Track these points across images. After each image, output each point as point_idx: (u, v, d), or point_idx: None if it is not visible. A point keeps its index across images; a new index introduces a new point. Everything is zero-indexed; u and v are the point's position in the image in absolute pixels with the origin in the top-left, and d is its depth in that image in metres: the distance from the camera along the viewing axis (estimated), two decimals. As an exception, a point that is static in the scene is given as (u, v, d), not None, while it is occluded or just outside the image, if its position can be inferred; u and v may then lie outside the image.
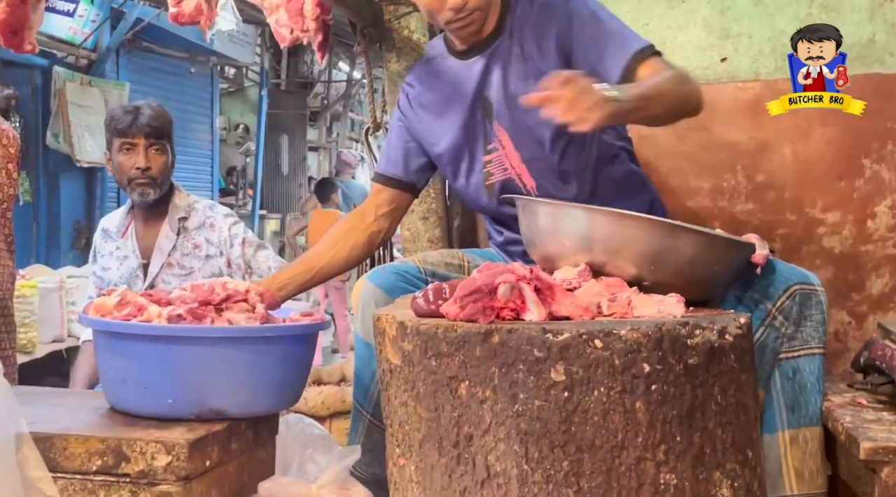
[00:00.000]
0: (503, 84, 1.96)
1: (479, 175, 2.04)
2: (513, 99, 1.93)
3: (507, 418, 1.36)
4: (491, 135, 2.00)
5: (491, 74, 1.98)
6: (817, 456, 1.72)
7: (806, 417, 1.72)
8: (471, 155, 2.04)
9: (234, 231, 2.61)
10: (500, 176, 2.01)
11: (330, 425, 2.98)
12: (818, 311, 1.74)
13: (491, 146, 2.00)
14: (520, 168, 1.99)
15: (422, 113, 2.10)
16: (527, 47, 1.93)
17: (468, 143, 2.03)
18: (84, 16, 6.67)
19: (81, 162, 6.69)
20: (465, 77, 2.01)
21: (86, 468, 1.51)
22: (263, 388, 1.70)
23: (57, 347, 4.93)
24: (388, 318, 1.51)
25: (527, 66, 1.93)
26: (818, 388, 1.74)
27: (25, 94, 6.48)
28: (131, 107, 2.59)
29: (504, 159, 2.00)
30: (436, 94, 2.08)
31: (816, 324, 1.73)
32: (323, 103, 12.89)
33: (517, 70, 1.95)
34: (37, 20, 2.30)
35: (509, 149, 1.98)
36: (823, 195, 2.43)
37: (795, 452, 1.71)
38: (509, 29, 1.96)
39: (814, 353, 1.73)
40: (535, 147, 1.96)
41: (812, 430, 1.73)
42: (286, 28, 2.36)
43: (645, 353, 1.34)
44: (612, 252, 1.59)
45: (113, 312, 1.68)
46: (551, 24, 1.91)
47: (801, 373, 1.72)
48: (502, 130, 1.98)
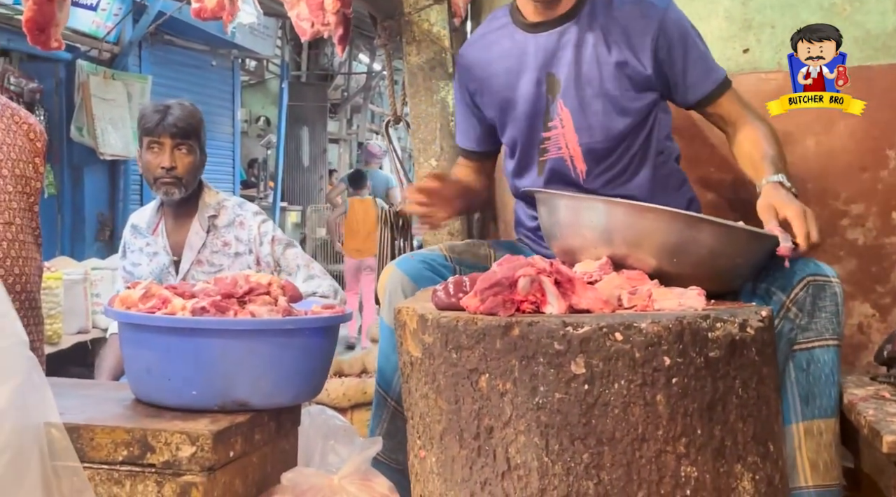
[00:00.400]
0: (575, 64, 1.98)
1: (535, 150, 2.06)
2: (583, 81, 1.98)
3: (527, 411, 1.37)
4: (553, 112, 2.02)
5: (562, 52, 2.00)
6: (832, 448, 1.71)
7: (820, 409, 1.71)
8: (530, 130, 2.06)
9: (263, 229, 2.63)
10: (555, 154, 2.04)
11: (351, 417, 3.00)
12: (832, 303, 1.72)
13: (552, 123, 2.03)
14: (574, 150, 2.01)
15: (482, 84, 2.12)
16: (612, 37, 1.97)
17: (529, 118, 2.05)
18: (107, 9, 6.72)
19: (105, 155, 6.75)
20: (531, 50, 2.03)
21: (112, 458, 1.53)
22: (286, 379, 1.71)
23: (82, 338, 4.99)
24: (409, 311, 1.52)
25: (609, 54, 1.97)
26: (833, 379, 1.72)
27: (49, 88, 6.55)
28: (161, 106, 2.61)
29: (561, 138, 2.02)
30: (497, 65, 2.09)
31: (830, 315, 1.72)
32: (343, 95, 12.92)
33: (593, 54, 1.97)
34: (63, 18, 2.32)
35: (569, 129, 2.01)
36: (847, 187, 2.41)
37: (810, 444, 1.70)
38: (589, 12, 1.99)
39: (828, 344, 1.72)
40: (595, 133, 1.99)
41: (827, 421, 1.72)
42: (307, 22, 2.38)
43: (665, 346, 1.34)
44: (633, 245, 1.59)
45: (137, 305, 1.70)
46: (649, 25, 1.95)
47: (815, 364, 1.71)
48: (566, 110, 2.00)
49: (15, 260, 2.32)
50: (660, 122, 2.08)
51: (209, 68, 8.67)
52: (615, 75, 1.97)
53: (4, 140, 2.36)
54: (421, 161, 2.63)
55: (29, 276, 2.39)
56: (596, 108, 1.98)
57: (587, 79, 1.97)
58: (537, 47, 2.02)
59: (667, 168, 2.10)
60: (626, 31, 1.96)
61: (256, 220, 2.65)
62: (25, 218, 2.40)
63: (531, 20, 2.03)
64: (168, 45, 7.87)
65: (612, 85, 1.97)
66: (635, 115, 2.00)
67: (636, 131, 2.02)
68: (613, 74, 1.97)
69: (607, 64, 1.96)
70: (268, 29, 9.33)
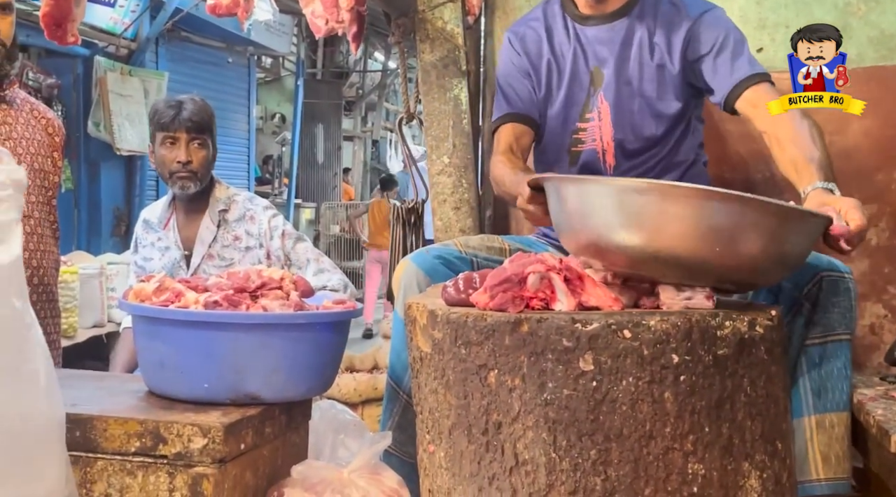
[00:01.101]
0: (619, 61, 2.02)
1: (567, 139, 2.08)
2: (626, 79, 2.01)
3: (535, 407, 1.37)
4: (593, 104, 2.05)
5: (609, 47, 2.03)
6: (843, 441, 1.72)
7: (832, 403, 1.72)
8: (565, 118, 2.08)
9: (273, 223, 2.65)
10: (590, 145, 2.06)
11: (362, 412, 3.02)
12: (846, 298, 1.72)
13: (589, 115, 2.06)
14: (608, 145, 2.04)
15: (534, 65, 2.13)
16: (655, 38, 2.00)
17: (566, 107, 2.08)
18: (124, 6, 6.76)
19: (122, 150, 6.80)
20: (581, 41, 2.07)
21: (125, 449, 1.55)
22: (297, 373, 1.72)
23: (97, 332, 5.03)
24: (419, 307, 1.53)
25: (652, 55, 2.00)
26: (845, 374, 1.73)
27: (67, 84, 6.60)
28: (174, 101, 2.64)
29: (597, 131, 2.05)
30: (545, 50, 2.11)
31: (844, 310, 1.72)
32: (358, 93, 12.95)
33: (637, 54, 2.01)
34: (80, 13, 2.35)
35: (606, 123, 2.04)
36: (860, 187, 2.39)
37: (822, 437, 1.71)
38: (639, 11, 2.03)
39: (840, 339, 1.73)
40: (630, 130, 2.02)
41: (839, 415, 1.72)
42: (321, 19, 2.38)
43: (674, 344, 1.35)
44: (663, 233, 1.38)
45: (151, 298, 1.72)
46: (682, 28, 1.98)
47: (827, 359, 1.71)
48: (606, 104, 2.04)
49: (33, 253, 2.35)
50: (693, 129, 2.11)
51: (225, 65, 8.71)
52: (654, 78, 2.00)
53: (24, 134, 2.39)
54: (433, 158, 2.63)
55: (46, 270, 2.42)
56: (632, 107, 2.01)
57: (628, 77, 2.01)
58: (586, 39, 2.06)
59: (693, 173, 2.11)
60: (666, 34, 2.00)
61: (267, 215, 2.67)
62: (44, 212, 2.43)
63: (583, 12, 2.07)
64: (185, 42, 7.91)
65: (649, 86, 2.01)
66: (668, 120, 2.03)
67: (668, 135, 2.04)
68: (653, 77, 2.00)
69: (648, 66, 2.01)
70: (284, 26, 9.36)
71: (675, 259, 1.39)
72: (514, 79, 2.16)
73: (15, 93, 2.43)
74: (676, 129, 2.04)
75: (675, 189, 1.41)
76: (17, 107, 2.40)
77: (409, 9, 2.58)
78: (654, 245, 1.38)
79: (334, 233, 10.12)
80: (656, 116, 2.02)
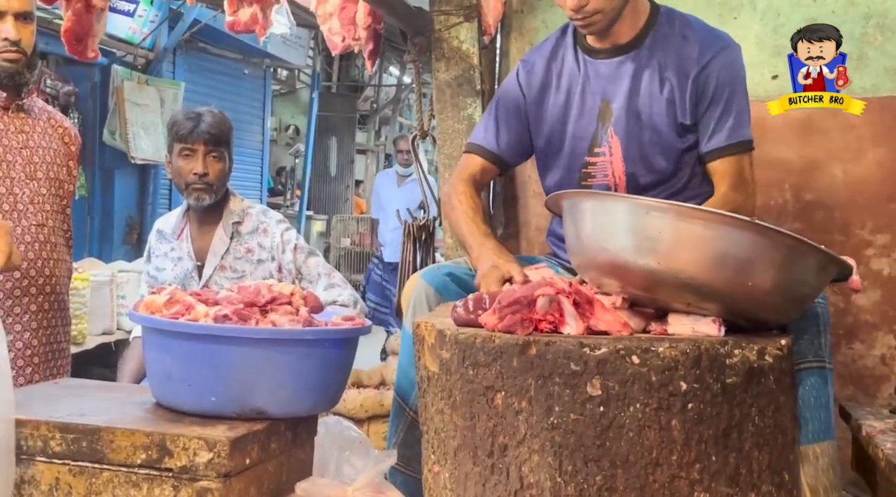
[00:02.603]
0: (629, 95, 1.99)
1: (576, 173, 2.05)
2: (635, 112, 1.98)
3: (541, 430, 1.37)
4: (602, 138, 2.02)
5: (618, 81, 2.00)
6: (830, 471, 1.69)
7: (814, 433, 1.69)
8: (573, 151, 2.06)
9: (286, 237, 2.66)
10: (601, 180, 2.04)
11: (367, 428, 3.01)
12: (813, 324, 1.70)
13: (599, 149, 2.03)
14: (620, 179, 2.02)
15: (534, 97, 2.11)
16: (667, 73, 1.97)
17: (574, 140, 2.05)
18: (143, 16, 6.83)
19: (136, 159, 6.84)
20: (590, 74, 2.04)
21: (130, 461, 1.55)
22: (304, 389, 1.72)
23: (106, 340, 5.04)
24: (427, 326, 1.53)
25: (662, 88, 1.97)
26: (822, 402, 1.70)
27: (84, 91, 6.65)
28: (193, 113, 2.65)
29: (608, 166, 2.02)
30: (553, 83, 2.09)
31: (812, 337, 1.70)
32: (372, 107, 12.99)
33: (647, 88, 1.98)
34: (100, 29, 2.38)
35: (617, 157, 2.01)
36: (873, 217, 2.40)
37: (808, 469, 1.68)
38: (650, 45, 1.99)
39: (811, 367, 1.70)
40: (641, 164, 2.00)
41: (822, 445, 1.70)
42: (338, 36, 2.41)
43: (682, 371, 1.34)
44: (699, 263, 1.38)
45: (162, 310, 1.72)
46: (695, 65, 1.94)
47: (802, 387, 1.69)
48: (616, 138, 2.01)
49: (46, 261, 2.37)
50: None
51: (241, 76, 8.77)
52: (664, 111, 1.97)
53: (40, 143, 2.41)
54: (446, 176, 2.64)
55: (59, 278, 2.43)
56: (642, 140, 1.98)
57: (638, 111, 1.98)
58: (596, 73, 2.03)
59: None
60: (676, 72, 1.96)
61: (280, 228, 2.68)
62: (58, 220, 2.44)
63: (592, 45, 2.04)
64: (202, 53, 7.97)
65: (660, 120, 1.98)
66: (679, 153, 2.00)
67: (680, 169, 2.02)
68: (662, 110, 1.97)
69: (658, 99, 1.97)
70: (300, 39, 9.42)
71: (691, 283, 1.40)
72: (509, 114, 2.13)
73: (33, 102, 2.45)
74: (688, 162, 2.02)
75: (721, 219, 1.40)
76: (35, 116, 2.43)
77: (425, 28, 2.60)
78: (672, 267, 1.39)
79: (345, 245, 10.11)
80: (667, 150, 1.99)
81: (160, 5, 6.92)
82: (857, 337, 2.42)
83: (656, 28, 1.99)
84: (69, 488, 1.57)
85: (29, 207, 2.33)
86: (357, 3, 2.50)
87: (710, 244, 1.38)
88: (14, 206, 2.30)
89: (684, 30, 1.99)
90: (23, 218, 2.32)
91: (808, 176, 2.43)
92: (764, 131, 2.33)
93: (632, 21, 1.98)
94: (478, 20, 2.61)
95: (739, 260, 1.38)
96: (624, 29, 1.98)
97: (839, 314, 2.39)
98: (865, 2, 2.42)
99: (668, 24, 1.99)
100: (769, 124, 2.38)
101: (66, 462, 1.58)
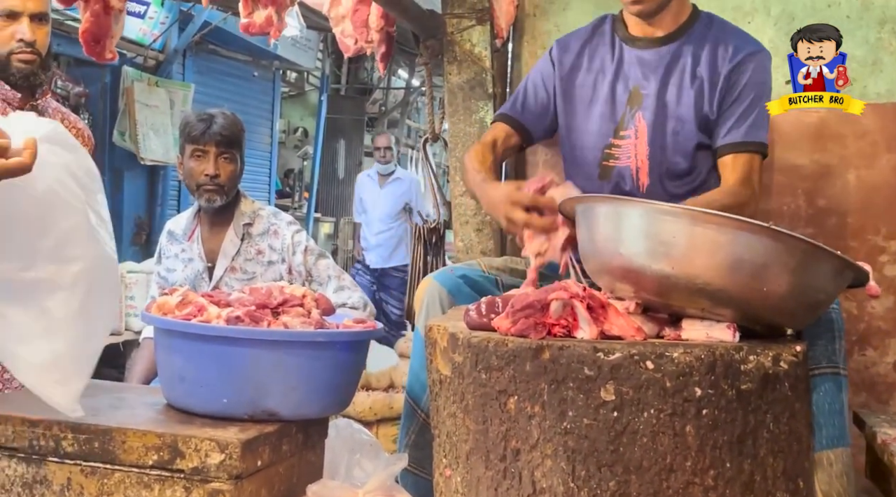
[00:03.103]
0: (661, 85, 2.05)
1: (598, 153, 2.09)
2: (663, 102, 2.04)
3: (555, 435, 1.36)
4: (629, 122, 2.07)
5: (653, 70, 2.07)
6: (844, 478, 1.69)
7: (828, 439, 1.69)
8: (598, 131, 2.10)
9: (296, 239, 2.66)
10: (624, 162, 2.08)
11: (377, 431, 3.00)
12: (827, 330, 1.70)
13: (625, 133, 2.07)
14: (643, 163, 2.06)
15: (565, 73, 2.16)
16: (699, 68, 2.03)
17: (601, 121, 2.10)
18: (154, 18, 6.84)
19: (145, 160, 6.86)
20: (624, 61, 2.10)
21: (142, 462, 1.55)
22: (315, 391, 1.72)
23: (114, 340, 5.04)
24: (440, 329, 1.53)
25: (692, 82, 2.03)
26: (837, 408, 1.70)
27: (95, 92, 6.66)
28: (206, 114, 2.66)
29: (633, 148, 2.07)
30: (584, 64, 2.14)
31: (826, 343, 1.69)
32: (381, 110, 13.00)
33: (679, 79, 2.04)
34: (118, 30, 2.39)
35: (642, 141, 2.06)
36: (887, 222, 2.38)
37: (822, 476, 1.68)
38: (686, 40, 2.06)
39: (825, 373, 1.70)
40: (665, 152, 2.04)
41: (836, 451, 1.69)
42: (351, 38, 2.41)
43: (697, 377, 1.34)
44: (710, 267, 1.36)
45: (174, 311, 1.73)
46: (727, 65, 2.01)
47: (816, 394, 1.68)
48: (643, 123, 2.06)
49: (57, 261, 2.37)
50: None
51: (251, 78, 8.78)
52: (691, 104, 2.02)
53: (52, 144, 2.42)
54: (457, 179, 2.64)
55: (69, 278, 2.43)
56: (668, 129, 2.04)
57: (666, 100, 2.04)
58: (631, 60, 2.09)
59: None
60: (709, 69, 2.02)
61: (290, 230, 2.69)
62: (69, 220, 2.45)
63: (633, 34, 2.10)
64: (212, 55, 7.99)
65: (685, 112, 2.03)
66: (698, 149, 2.04)
67: (700, 162, 2.06)
68: (690, 103, 2.03)
69: (687, 92, 2.03)
70: (310, 42, 9.43)
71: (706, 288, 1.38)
72: (537, 87, 2.20)
73: (47, 102, 2.46)
74: (705, 157, 2.05)
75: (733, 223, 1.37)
76: (49, 116, 2.43)
77: (437, 31, 2.60)
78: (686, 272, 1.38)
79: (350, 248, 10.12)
80: (690, 141, 2.03)
81: (171, 7, 6.94)
82: (870, 344, 2.41)
83: (695, 26, 2.07)
84: (81, 489, 1.57)
85: (41, 207, 2.34)
86: (370, 6, 2.50)
87: (725, 249, 1.37)
88: (27, 206, 2.30)
89: (721, 31, 2.06)
90: (35, 218, 2.32)
91: (820, 181, 2.42)
92: (777, 137, 2.33)
93: (675, 15, 2.06)
94: (490, 23, 2.61)
95: (755, 265, 1.37)
96: (666, 21, 2.06)
97: (852, 321, 2.38)
98: (881, 7, 2.41)
99: (706, 25, 2.07)
100: (783, 130, 2.38)
101: (78, 462, 1.58)
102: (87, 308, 1.47)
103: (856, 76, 2.39)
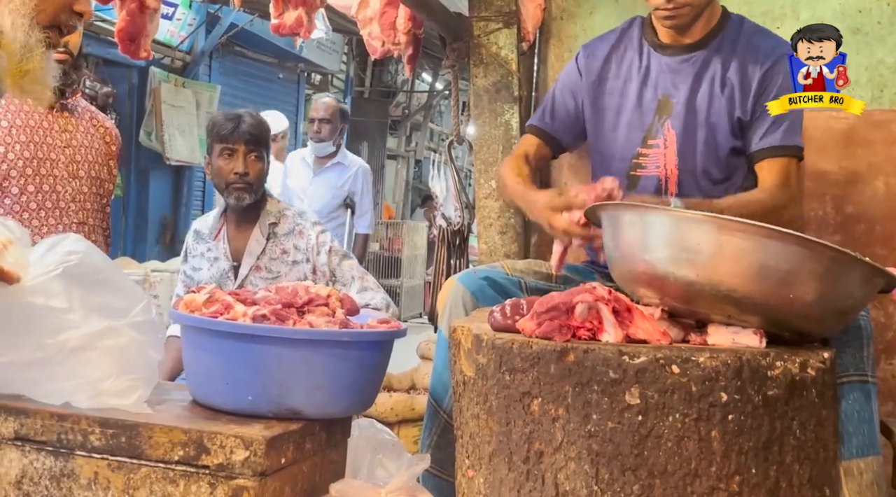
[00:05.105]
0: (691, 92, 2.03)
1: (626, 163, 2.08)
2: (694, 110, 2.03)
3: (578, 438, 1.36)
4: (658, 131, 2.06)
5: (682, 77, 2.05)
6: (874, 487, 1.67)
7: (858, 448, 1.67)
8: (626, 139, 2.09)
9: (321, 239, 2.68)
10: (652, 172, 2.07)
11: (398, 432, 3.00)
12: (856, 338, 1.68)
13: (653, 141, 2.06)
14: (672, 172, 2.05)
15: (592, 81, 2.15)
16: (729, 73, 2.01)
17: (629, 129, 2.09)
18: (181, 19, 6.92)
19: (171, 160, 6.93)
20: (652, 68, 2.08)
21: (168, 457, 1.56)
22: (339, 390, 1.73)
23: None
24: (464, 331, 1.53)
25: (723, 89, 2.01)
26: (866, 417, 1.68)
27: (122, 93, 6.74)
28: (233, 114, 2.70)
29: (661, 158, 2.06)
30: (612, 70, 2.13)
31: (855, 351, 1.68)
32: (404, 112, 13.04)
33: (709, 86, 2.03)
34: (153, 29, 2.42)
35: (671, 150, 2.05)
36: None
37: (852, 485, 1.66)
38: (717, 46, 2.04)
39: (853, 381, 1.68)
40: (694, 160, 2.03)
41: (866, 460, 1.67)
42: (378, 41, 2.42)
43: (723, 382, 1.33)
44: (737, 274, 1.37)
45: (201, 309, 1.74)
46: (759, 68, 1.99)
47: (845, 402, 1.67)
48: (672, 132, 2.05)
49: (85, 258, 2.40)
50: None
51: (276, 80, 8.85)
52: (722, 111, 2.01)
53: (83, 143, 2.45)
54: (482, 182, 2.65)
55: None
56: (697, 138, 2.02)
57: (696, 108, 2.02)
58: (660, 67, 2.07)
59: None
60: (740, 74, 2.00)
61: (315, 230, 2.70)
62: (97, 219, 2.48)
63: (662, 40, 2.08)
64: (238, 57, 8.06)
65: (717, 120, 2.01)
66: (732, 153, 2.03)
67: (731, 170, 2.04)
68: (721, 110, 2.01)
69: (718, 99, 2.01)
70: (335, 44, 9.48)
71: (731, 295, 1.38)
72: (565, 95, 2.19)
73: (77, 101, 2.49)
74: (739, 163, 2.03)
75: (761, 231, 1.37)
76: (78, 115, 2.47)
77: (464, 33, 2.61)
78: (711, 279, 1.38)
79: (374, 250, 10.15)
80: (720, 149, 2.02)
81: (198, 9, 7.01)
82: (897, 352, 2.38)
83: (725, 31, 2.04)
84: (108, 483, 1.59)
85: (70, 205, 2.37)
86: (398, 8, 2.51)
87: (750, 256, 1.36)
88: (56, 203, 2.34)
89: (754, 34, 2.04)
90: (64, 216, 2.36)
91: (849, 188, 2.40)
92: (806, 143, 2.31)
93: (706, 21, 2.04)
94: (517, 26, 2.61)
95: (781, 272, 1.36)
96: (698, 28, 2.04)
97: (879, 329, 2.35)
98: (912, 12, 2.39)
99: (737, 29, 2.05)
100: (811, 136, 2.35)
101: (105, 457, 1.59)
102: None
103: (886, 82, 2.37)
